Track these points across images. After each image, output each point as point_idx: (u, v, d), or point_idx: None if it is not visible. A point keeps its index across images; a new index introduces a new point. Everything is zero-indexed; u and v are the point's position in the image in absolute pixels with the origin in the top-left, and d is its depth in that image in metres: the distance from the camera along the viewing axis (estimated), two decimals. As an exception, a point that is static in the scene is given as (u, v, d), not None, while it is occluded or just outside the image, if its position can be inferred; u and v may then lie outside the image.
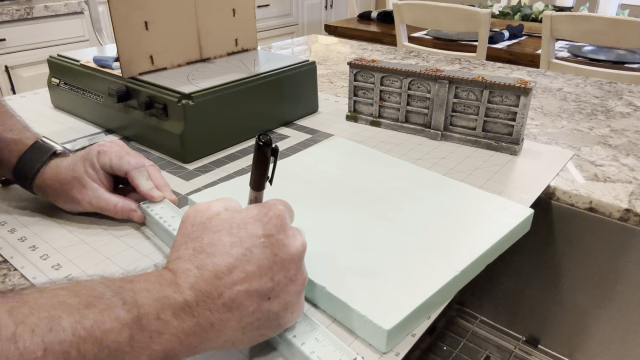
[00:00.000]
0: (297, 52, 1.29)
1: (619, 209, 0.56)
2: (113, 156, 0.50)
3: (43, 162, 0.50)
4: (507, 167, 0.63)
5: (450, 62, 1.17)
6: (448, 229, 0.46)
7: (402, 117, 0.74)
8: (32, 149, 0.51)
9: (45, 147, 0.52)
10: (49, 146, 0.52)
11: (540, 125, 0.78)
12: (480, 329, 0.75)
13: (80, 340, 0.25)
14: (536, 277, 0.67)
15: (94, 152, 0.50)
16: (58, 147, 0.52)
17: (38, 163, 0.50)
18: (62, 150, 0.52)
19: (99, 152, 0.50)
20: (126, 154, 0.50)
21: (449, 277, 0.40)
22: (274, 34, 3.21)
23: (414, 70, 0.70)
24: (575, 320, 0.65)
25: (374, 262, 0.42)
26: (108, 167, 0.50)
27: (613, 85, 0.99)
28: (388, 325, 0.35)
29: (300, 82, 0.77)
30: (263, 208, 0.34)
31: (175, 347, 0.29)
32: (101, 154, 0.50)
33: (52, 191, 0.50)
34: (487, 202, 0.51)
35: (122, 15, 0.64)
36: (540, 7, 2.31)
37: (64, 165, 0.50)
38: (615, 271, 0.60)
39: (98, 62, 0.73)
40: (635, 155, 0.67)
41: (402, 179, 0.55)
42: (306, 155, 0.62)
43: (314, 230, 0.46)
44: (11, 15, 1.89)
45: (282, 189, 0.54)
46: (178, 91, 0.62)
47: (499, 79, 0.65)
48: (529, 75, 1.06)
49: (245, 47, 0.82)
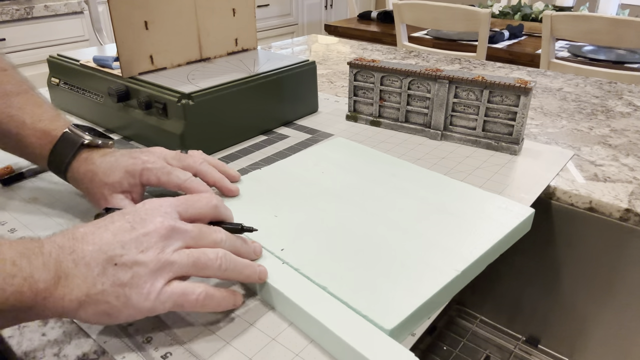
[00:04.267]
0: (297, 52, 1.29)
1: (619, 208, 0.56)
2: (160, 173, 0.48)
3: (72, 155, 0.49)
4: (507, 167, 0.63)
5: (450, 62, 1.17)
6: (449, 228, 0.46)
7: (402, 117, 0.74)
8: (60, 142, 0.50)
9: (74, 139, 0.50)
10: (76, 138, 0.50)
11: (540, 125, 0.78)
12: (480, 329, 0.75)
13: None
14: (536, 277, 0.67)
15: (138, 168, 0.48)
16: (86, 137, 0.50)
17: (67, 156, 0.49)
18: (90, 140, 0.50)
19: (142, 169, 0.48)
20: (173, 169, 0.49)
21: (450, 276, 0.40)
22: (274, 33, 3.21)
23: (414, 70, 0.70)
24: (575, 320, 0.65)
25: (374, 262, 0.42)
26: (155, 184, 0.49)
27: (613, 85, 0.99)
28: (390, 325, 0.35)
29: (300, 82, 0.77)
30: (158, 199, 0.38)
31: (25, 292, 0.31)
32: (145, 171, 0.48)
33: (83, 187, 0.50)
34: (487, 201, 0.51)
35: (122, 15, 0.64)
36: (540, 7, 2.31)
37: (101, 167, 0.48)
38: (615, 271, 0.60)
39: (98, 62, 0.73)
40: (635, 155, 0.67)
41: (403, 179, 0.55)
42: (306, 155, 0.62)
43: (314, 230, 0.46)
44: (11, 15, 1.89)
45: (282, 189, 0.54)
46: (178, 91, 0.62)
47: (499, 78, 0.65)
48: (529, 75, 1.06)
49: (245, 47, 0.82)
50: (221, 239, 0.38)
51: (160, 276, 0.34)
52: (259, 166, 0.62)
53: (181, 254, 0.35)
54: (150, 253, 0.34)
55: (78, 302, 0.33)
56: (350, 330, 0.35)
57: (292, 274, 0.41)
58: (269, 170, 0.58)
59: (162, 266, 0.34)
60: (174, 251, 0.35)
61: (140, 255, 0.34)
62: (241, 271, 0.38)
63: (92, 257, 0.33)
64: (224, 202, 0.42)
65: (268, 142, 0.71)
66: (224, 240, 0.38)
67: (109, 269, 0.33)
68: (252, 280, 0.39)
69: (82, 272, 0.33)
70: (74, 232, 0.34)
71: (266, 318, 0.39)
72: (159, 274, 0.34)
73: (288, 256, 0.43)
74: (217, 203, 0.40)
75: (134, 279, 0.33)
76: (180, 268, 0.35)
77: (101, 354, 0.36)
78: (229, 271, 0.37)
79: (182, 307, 0.35)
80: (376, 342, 0.34)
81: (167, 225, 0.35)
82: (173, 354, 0.36)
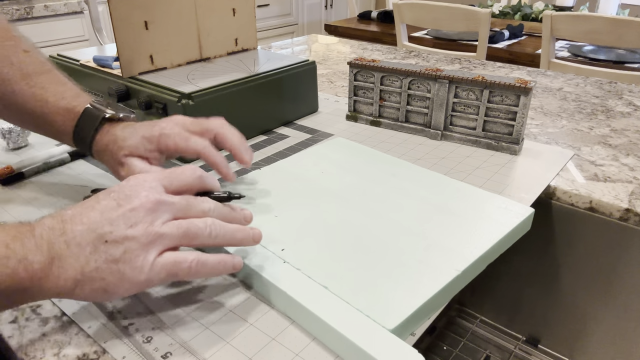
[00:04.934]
0: (297, 51, 1.29)
1: (619, 208, 0.56)
2: (178, 139, 0.48)
3: (95, 129, 0.50)
4: (507, 167, 0.63)
5: (450, 61, 1.17)
6: (449, 228, 0.46)
7: (402, 117, 0.74)
8: (83, 118, 0.50)
9: (95, 113, 0.50)
10: (98, 112, 0.50)
11: (540, 125, 0.78)
12: (480, 329, 0.75)
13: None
14: (536, 277, 0.67)
15: (156, 134, 0.48)
16: (108, 111, 0.51)
17: (90, 131, 0.50)
18: (112, 114, 0.51)
19: (160, 135, 0.48)
20: (191, 136, 0.49)
21: (450, 276, 0.40)
22: (274, 33, 3.21)
23: (414, 70, 0.70)
24: (575, 320, 0.65)
25: (375, 262, 0.42)
26: (173, 150, 0.49)
27: (613, 85, 0.99)
28: (391, 325, 0.35)
29: (300, 81, 0.77)
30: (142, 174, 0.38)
31: (20, 274, 0.32)
32: (163, 137, 0.48)
33: (105, 159, 0.50)
34: (488, 201, 0.51)
35: (122, 14, 0.64)
36: (540, 7, 2.31)
37: (120, 136, 0.49)
38: (615, 271, 0.60)
39: (98, 62, 0.73)
40: (635, 155, 0.67)
41: (403, 179, 0.55)
42: (306, 155, 0.62)
43: (314, 231, 0.46)
44: (11, 15, 1.89)
45: (282, 189, 0.54)
46: (178, 91, 0.62)
47: (499, 78, 0.65)
48: (529, 75, 1.06)
49: (245, 46, 0.82)
50: (209, 208, 0.38)
51: (151, 249, 0.34)
52: (259, 166, 0.62)
53: (170, 226, 0.35)
54: (139, 227, 0.34)
55: (74, 280, 0.33)
56: (354, 328, 0.35)
57: (293, 273, 0.41)
58: (269, 170, 0.58)
59: (153, 239, 0.34)
60: (162, 223, 0.35)
61: (130, 230, 0.34)
62: (233, 235, 0.38)
63: (82, 237, 0.34)
64: None
65: (268, 142, 0.71)
66: (212, 209, 0.38)
67: (100, 247, 0.33)
68: (247, 243, 0.39)
69: (74, 252, 0.33)
70: (63, 214, 0.35)
71: (266, 318, 0.39)
72: (150, 247, 0.34)
73: (288, 256, 0.43)
74: (201, 174, 0.40)
75: (126, 254, 0.34)
76: (171, 239, 0.35)
77: (101, 354, 0.36)
78: (219, 237, 0.37)
79: (177, 276, 0.36)
80: (381, 340, 0.34)
81: (153, 199, 0.36)
82: (173, 354, 0.36)
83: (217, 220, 0.38)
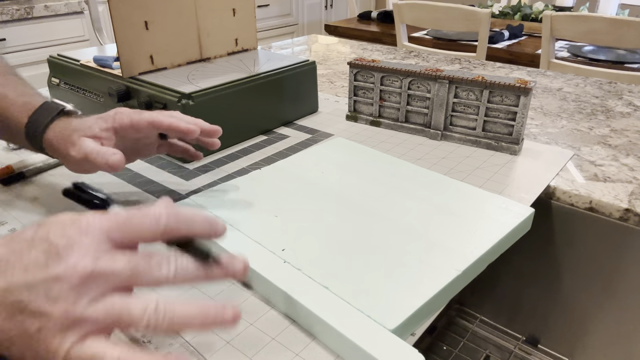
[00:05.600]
0: (297, 52, 1.29)
1: (619, 208, 0.56)
2: (132, 113, 0.48)
3: (51, 118, 0.49)
4: (507, 167, 0.63)
5: (450, 62, 1.17)
6: (449, 228, 0.46)
7: (402, 117, 0.74)
8: (41, 109, 0.50)
9: (54, 106, 0.50)
10: (57, 106, 0.50)
11: (540, 125, 0.78)
12: (480, 329, 0.75)
13: None
14: (536, 277, 0.67)
15: (111, 113, 0.48)
16: (69, 106, 0.50)
17: (46, 119, 0.49)
18: (74, 110, 0.50)
19: (115, 113, 0.48)
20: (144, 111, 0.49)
21: (451, 276, 0.40)
22: (274, 34, 3.21)
23: (414, 70, 0.70)
24: (575, 320, 0.66)
25: (375, 262, 0.42)
26: (128, 125, 0.48)
27: (613, 85, 0.99)
28: (391, 326, 0.35)
29: (300, 82, 0.77)
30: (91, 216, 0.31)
31: None
32: (117, 114, 0.48)
33: (56, 147, 0.48)
34: (488, 201, 0.51)
35: (122, 15, 0.64)
36: (540, 7, 2.31)
37: (75, 122, 0.48)
38: (615, 271, 0.60)
39: (98, 62, 0.73)
40: (635, 155, 0.67)
41: (403, 179, 0.55)
42: (306, 155, 0.62)
43: (314, 231, 0.46)
44: (11, 15, 1.89)
45: (283, 189, 0.54)
46: (178, 91, 0.62)
47: (499, 78, 0.65)
48: (529, 75, 1.06)
49: (245, 47, 0.82)
50: (167, 276, 0.30)
51: (69, 333, 0.28)
52: (259, 166, 0.62)
53: (98, 309, 0.28)
54: (59, 305, 0.28)
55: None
56: (355, 328, 0.35)
57: (294, 273, 0.41)
58: (269, 170, 0.58)
59: (72, 323, 0.28)
60: (89, 302, 0.28)
61: (48, 305, 0.28)
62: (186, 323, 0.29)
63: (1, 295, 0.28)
64: None
65: (268, 142, 0.71)
66: (174, 275, 0.30)
67: (16, 315, 0.28)
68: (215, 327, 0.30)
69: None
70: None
71: (266, 318, 0.39)
72: (68, 331, 0.28)
73: (289, 256, 0.43)
74: (166, 223, 0.30)
75: (41, 332, 0.28)
76: (95, 326, 0.28)
77: (101, 354, 0.36)
78: (162, 328, 0.29)
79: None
80: (381, 340, 0.34)
81: (82, 270, 0.28)
82: (173, 354, 0.36)
83: (166, 303, 0.29)
